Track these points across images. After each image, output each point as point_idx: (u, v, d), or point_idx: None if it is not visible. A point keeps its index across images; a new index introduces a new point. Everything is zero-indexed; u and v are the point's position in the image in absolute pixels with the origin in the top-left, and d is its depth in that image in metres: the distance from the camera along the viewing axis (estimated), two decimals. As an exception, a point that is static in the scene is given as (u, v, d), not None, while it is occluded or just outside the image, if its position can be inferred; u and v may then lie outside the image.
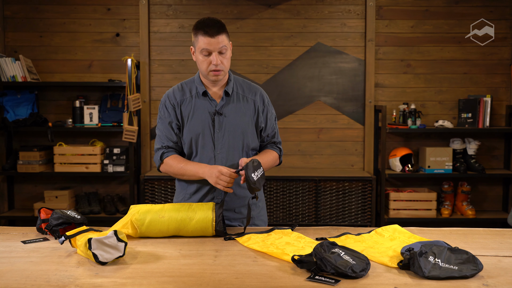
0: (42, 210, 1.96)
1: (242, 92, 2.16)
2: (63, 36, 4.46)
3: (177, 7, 4.44)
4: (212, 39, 1.98)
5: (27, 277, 1.46)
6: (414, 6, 4.42)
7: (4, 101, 4.36)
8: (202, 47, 2.00)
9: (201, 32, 1.99)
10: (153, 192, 4.13)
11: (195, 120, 2.09)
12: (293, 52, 4.45)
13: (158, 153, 2.14)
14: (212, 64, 2.01)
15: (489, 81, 4.47)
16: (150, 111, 4.48)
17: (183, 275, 1.47)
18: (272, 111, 2.24)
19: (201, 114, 2.09)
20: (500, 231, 1.99)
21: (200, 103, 2.11)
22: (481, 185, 4.52)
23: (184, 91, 2.14)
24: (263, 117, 2.17)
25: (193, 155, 2.13)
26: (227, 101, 2.12)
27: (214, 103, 2.11)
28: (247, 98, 2.15)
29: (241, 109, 2.12)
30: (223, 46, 2.00)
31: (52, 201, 4.29)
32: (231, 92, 2.12)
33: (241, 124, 2.11)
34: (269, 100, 2.23)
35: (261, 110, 2.17)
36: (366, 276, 1.46)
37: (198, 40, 2.01)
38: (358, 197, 4.15)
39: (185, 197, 2.18)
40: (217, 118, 2.09)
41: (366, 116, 4.45)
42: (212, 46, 1.98)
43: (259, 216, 2.21)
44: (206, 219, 1.86)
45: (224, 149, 2.09)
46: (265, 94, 2.22)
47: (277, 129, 2.26)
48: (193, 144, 2.11)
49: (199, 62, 2.06)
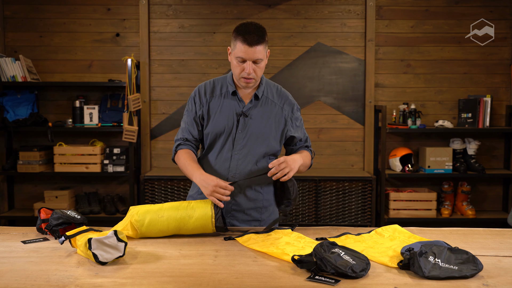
0: (42, 210, 1.96)
1: (272, 97, 2.14)
2: (63, 36, 4.46)
3: (177, 7, 4.44)
4: (250, 49, 1.95)
5: (27, 277, 1.46)
6: (414, 6, 4.42)
7: (4, 101, 4.36)
8: (238, 54, 1.98)
9: (240, 38, 1.96)
10: (153, 192, 4.13)
11: (220, 118, 2.09)
12: (293, 52, 4.45)
13: (175, 144, 2.16)
14: (244, 71, 2.00)
15: (489, 81, 4.47)
16: (150, 111, 4.48)
17: (183, 275, 1.47)
18: (301, 117, 2.23)
19: (227, 113, 2.09)
20: (500, 231, 1.99)
21: (228, 102, 2.10)
22: (481, 185, 4.52)
23: (215, 88, 2.14)
24: (291, 124, 2.16)
25: (212, 151, 2.12)
26: (255, 104, 2.11)
27: (242, 104, 2.10)
28: (276, 103, 2.14)
29: (267, 114, 2.11)
30: (259, 57, 1.98)
31: (52, 201, 4.29)
32: (260, 95, 2.11)
33: (265, 128, 2.10)
34: (298, 107, 2.21)
35: (289, 118, 2.15)
36: (366, 276, 1.46)
37: (236, 46, 1.99)
38: (358, 197, 4.15)
39: (199, 190, 2.15)
40: (242, 120, 2.08)
41: (366, 116, 4.45)
42: (248, 55, 1.97)
43: (268, 220, 2.17)
44: (206, 216, 1.85)
45: (243, 151, 2.08)
46: (293, 101, 2.20)
47: (307, 134, 2.26)
48: (215, 140, 2.11)
49: (232, 66, 2.05)
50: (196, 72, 4.45)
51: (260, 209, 2.15)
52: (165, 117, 4.49)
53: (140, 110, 4.41)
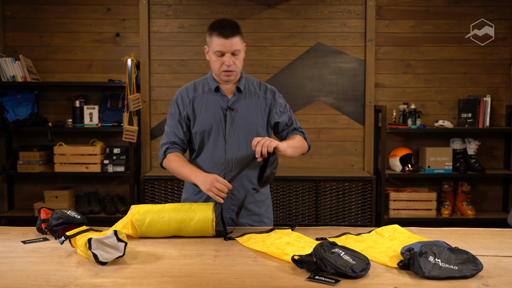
0: (42, 210, 1.96)
1: (253, 89, 2.19)
2: (63, 36, 4.46)
3: (177, 7, 4.44)
4: (226, 41, 2.01)
5: (27, 277, 1.46)
6: (414, 6, 4.42)
7: (4, 101, 4.36)
8: (215, 48, 2.04)
9: (216, 33, 2.03)
10: (153, 192, 4.13)
11: (207, 115, 2.12)
12: (293, 52, 4.45)
13: (162, 148, 2.17)
14: (224, 64, 2.05)
15: (489, 81, 4.47)
16: (150, 111, 4.48)
17: (183, 275, 1.47)
18: (284, 102, 2.24)
19: (213, 109, 2.12)
20: (500, 231, 1.99)
21: (212, 99, 2.14)
22: (481, 185, 4.52)
23: (197, 88, 2.18)
24: (275, 110, 2.19)
25: (204, 149, 2.14)
26: (239, 97, 2.15)
27: (226, 98, 2.14)
28: (258, 95, 2.18)
29: (252, 105, 2.15)
30: (237, 48, 2.04)
31: (52, 201, 4.28)
32: (243, 88, 2.15)
33: (252, 119, 2.13)
34: (280, 94, 2.24)
35: (272, 105, 2.19)
36: (366, 276, 1.46)
37: (212, 41, 2.05)
38: (358, 197, 4.15)
39: (194, 191, 2.19)
40: (229, 114, 2.12)
41: (366, 116, 4.45)
42: (225, 47, 2.02)
43: (266, 213, 2.23)
44: (206, 219, 1.86)
45: (235, 144, 2.11)
46: (275, 90, 2.24)
47: (294, 117, 2.26)
48: (204, 139, 2.13)
49: (212, 62, 2.10)
50: (196, 72, 4.45)
51: (258, 203, 2.19)
52: (165, 117, 4.48)
53: (140, 110, 4.41)
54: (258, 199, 2.19)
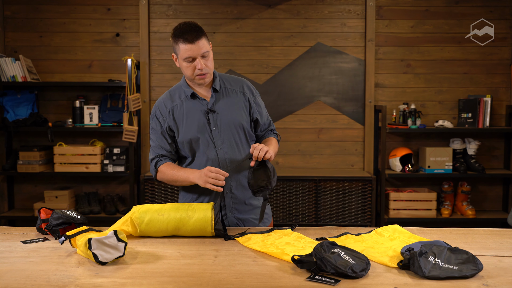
0: (42, 210, 1.96)
1: (230, 86, 2.18)
2: (63, 36, 4.46)
3: (177, 7, 4.44)
4: (193, 46, 1.99)
5: (27, 277, 1.46)
6: (414, 6, 4.42)
7: (4, 101, 4.36)
8: (185, 55, 2.01)
9: (181, 39, 2.00)
10: (153, 192, 4.13)
11: (190, 122, 2.11)
12: (293, 52, 4.45)
13: (152, 163, 2.16)
14: (197, 69, 2.03)
15: (489, 81, 4.47)
16: (150, 111, 4.48)
17: (183, 275, 1.47)
18: (261, 100, 2.27)
19: (194, 116, 2.11)
20: (500, 231, 1.99)
21: (191, 105, 2.12)
22: (481, 185, 4.52)
23: (173, 97, 2.16)
24: (255, 107, 2.20)
25: (196, 155, 2.14)
26: (217, 98, 2.14)
27: (205, 102, 2.13)
28: (236, 91, 2.18)
29: (232, 103, 2.15)
30: (205, 50, 2.02)
31: (52, 201, 4.28)
32: (219, 88, 2.14)
33: (235, 117, 2.13)
34: (256, 91, 2.25)
35: (252, 100, 2.19)
36: (366, 276, 1.46)
37: (179, 48, 2.03)
38: (358, 197, 4.15)
39: (193, 198, 2.20)
40: (211, 116, 2.11)
41: (366, 116, 4.45)
42: (194, 52, 2.00)
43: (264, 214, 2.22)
44: (205, 218, 1.86)
45: (225, 144, 2.11)
46: (251, 85, 2.25)
47: (270, 118, 2.31)
48: (193, 146, 2.12)
49: (183, 69, 2.07)
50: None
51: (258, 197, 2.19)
52: (165, 117, 4.48)
53: (140, 110, 4.41)
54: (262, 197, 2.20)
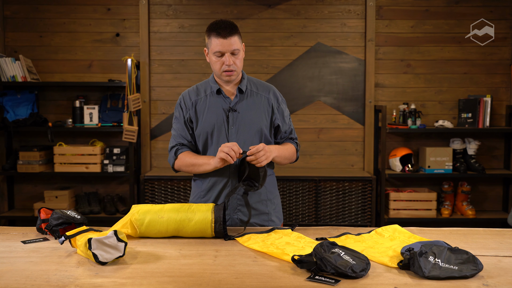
0: (42, 210, 1.96)
1: (256, 89, 2.20)
2: (63, 36, 4.46)
3: (177, 7, 4.44)
4: (225, 41, 2.02)
5: (27, 277, 1.46)
6: (414, 6, 4.42)
7: (4, 101, 4.36)
8: (215, 49, 2.04)
9: (214, 33, 2.04)
10: (153, 192, 4.13)
11: (209, 116, 2.13)
12: (293, 52, 4.45)
13: (172, 151, 2.18)
14: (225, 64, 2.05)
15: (489, 81, 4.47)
16: (150, 111, 4.48)
17: (183, 275, 1.47)
18: (286, 108, 2.27)
19: (215, 111, 2.14)
20: (500, 231, 1.99)
21: (215, 101, 2.15)
22: (481, 185, 4.52)
23: (199, 91, 2.20)
24: (278, 114, 2.20)
25: (207, 151, 2.16)
26: (241, 98, 2.16)
27: (228, 100, 2.15)
28: (261, 95, 2.19)
29: (255, 106, 2.16)
30: (236, 47, 2.05)
31: (52, 201, 4.29)
32: (245, 89, 2.16)
33: (255, 119, 2.14)
34: (283, 98, 2.26)
35: (275, 107, 2.20)
36: (366, 276, 1.46)
37: (211, 42, 2.06)
38: (358, 197, 4.15)
39: (200, 194, 2.19)
40: (231, 115, 2.13)
41: (366, 116, 4.45)
42: (224, 47, 2.03)
43: (274, 212, 2.23)
44: (205, 220, 1.85)
45: (239, 144, 2.10)
46: (278, 92, 2.26)
47: (293, 126, 2.30)
48: (208, 139, 2.14)
49: (212, 63, 2.10)
50: (196, 72, 4.45)
51: (265, 201, 2.19)
52: (165, 117, 4.49)
53: (140, 110, 4.41)
54: (265, 198, 2.19)
